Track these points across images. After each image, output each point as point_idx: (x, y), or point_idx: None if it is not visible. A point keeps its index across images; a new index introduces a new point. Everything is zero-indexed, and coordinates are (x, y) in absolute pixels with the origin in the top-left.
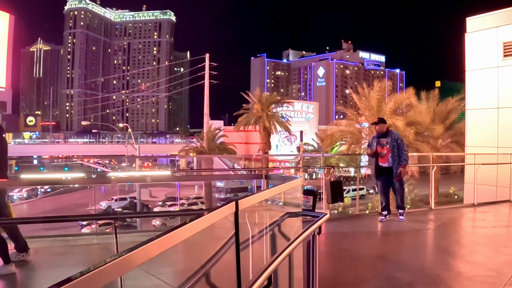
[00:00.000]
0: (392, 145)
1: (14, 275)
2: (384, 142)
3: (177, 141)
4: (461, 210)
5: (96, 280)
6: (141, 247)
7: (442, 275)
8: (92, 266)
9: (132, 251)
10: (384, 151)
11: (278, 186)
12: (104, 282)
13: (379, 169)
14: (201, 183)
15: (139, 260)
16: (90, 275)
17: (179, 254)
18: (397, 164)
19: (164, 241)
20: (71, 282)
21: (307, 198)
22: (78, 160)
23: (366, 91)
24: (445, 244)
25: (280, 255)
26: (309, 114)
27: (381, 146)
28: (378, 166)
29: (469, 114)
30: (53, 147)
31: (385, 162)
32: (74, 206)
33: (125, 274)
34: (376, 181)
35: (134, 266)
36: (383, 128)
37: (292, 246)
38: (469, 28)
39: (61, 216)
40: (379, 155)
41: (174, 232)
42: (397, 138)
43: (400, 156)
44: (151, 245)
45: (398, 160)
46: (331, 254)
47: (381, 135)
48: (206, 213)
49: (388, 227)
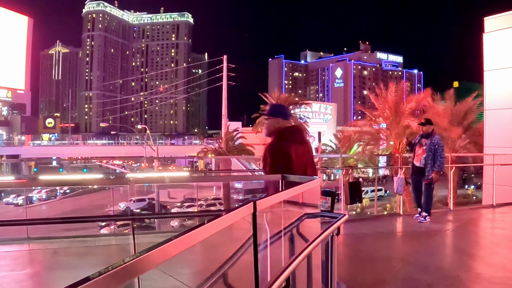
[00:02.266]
0: (429, 148)
1: (33, 275)
2: (424, 142)
3: (196, 142)
4: (480, 211)
5: (114, 280)
6: (159, 247)
7: (461, 276)
8: (110, 266)
9: (150, 251)
10: (420, 151)
11: (297, 187)
12: (122, 282)
13: (413, 167)
14: (220, 184)
15: (157, 260)
16: (108, 274)
17: (197, 255)
18: (430, 168)
19: (182, 242)
20: (89, 281)
21: (325, 199)
22: (97, 162)
23: (384, 92)
24: (464, 245)
25: (299, 256)
26: (327, 115)
27: (420, 146)
28: (413, 164)
29: (487, 115)
30: (72, 148)
31: (418, 161)
32: (93, 207)
33: (143, 275)
34: (411, 178)
35: (152, 266)
36: (429, 129)
37: (311, 247)
38: (487, 28)
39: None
40: (415, 153)
41: (192, 232)
42: (436, 143)
43: (435, 161)
44: (169, 245)
45: (432, 164)
46: (349, 255)
47: (425, 136)
48: (224, 213)
49: (407, 228)
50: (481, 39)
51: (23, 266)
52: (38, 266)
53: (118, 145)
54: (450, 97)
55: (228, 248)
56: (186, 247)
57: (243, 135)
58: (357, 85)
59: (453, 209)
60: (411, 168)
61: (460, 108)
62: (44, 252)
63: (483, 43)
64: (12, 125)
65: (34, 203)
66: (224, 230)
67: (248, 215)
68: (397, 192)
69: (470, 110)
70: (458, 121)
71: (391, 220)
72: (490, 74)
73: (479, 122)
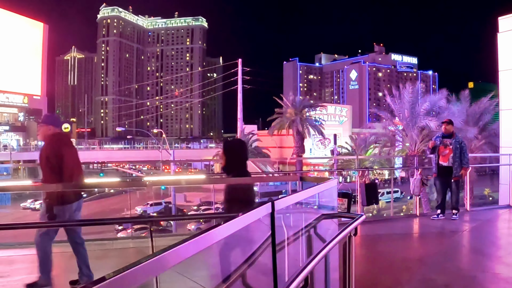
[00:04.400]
0: (456, 146)
1: (51, 279)
2: (448, 142)
3: (211, 146)
4: (496, 211)
5: (130, 280)
6: (176, 247)
7: (478, 276)
8: (126, 265)
9: (166, 251)
10: (446, 151)
11: (314, 187)
12: (139, 282)
13: (439, 168)
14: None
15: (174, 260)
16: (124, 274)
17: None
18: (457, 165)
19: (199, 241)
20: (104, 281)
21: (342, 201)
22: (113, 166)
23: (400, 92)
24: (481, 245)
25: (317, 256)
26: (342, 117)
27: (444, 146)
28: (439, 164)
29: (503, 115)
30: (89, 153)
31: (446, 161)
32: (110, 211)
33: (160, 276)
34: (434, 179)
35: (170, 266)
36: (451, 128)
37: (329, 247)
38: (501, 28)
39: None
40: (440, 154)
41: (210, 232)
42: (461, 141)
43: (462, 159)
44: (186, 245)
45: (459, 162)
46: (366, 256)
47: (446, 136)
48: (241, 214)
49: (423, 229)
50: (496, 39)
51: None
52: (56, 269)
53: (134, 149)
54: (465, 97)
55: (246, 249)
56: (204, 246)
57: (259, 138)
58: (372, 87)
59: (470, 209)
60: (437, 170)
61: (475, 108)
62: (61, 256)
63: (497, 42)
64: (28, 130)
65: None
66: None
67: (266, 218)
68: (413, 193)
69: (485, 111)
70: (474, 121)
71: (407, 221)
72: (505, 74)
73: (495, 123)
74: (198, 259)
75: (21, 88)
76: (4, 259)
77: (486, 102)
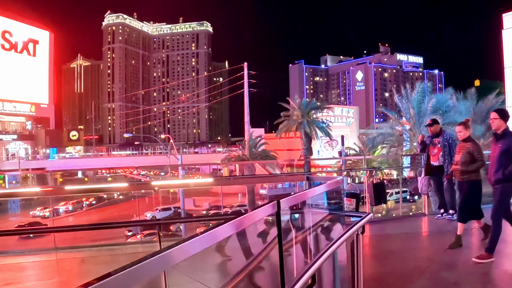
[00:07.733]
0: (443, 144)
1: (61, 284)
2: (436, 141)
3: (219, 150)
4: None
5: (135, 276)
6: (182, 244)
7: (488, 273)
8: (131, 262)
9: (173, 247)
10: (435, 150)
11: (320, 186)
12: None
13: (431, 168)
14: (244, 191)
15: (180, 256)
16: (129, 270)
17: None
18: (448, 163)
19: (205, 239)
20: (109, 277)
21: (351, 201)
22: (122, 172)
23: (406, 93)
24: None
25: (324, 254)
26: (349, 118)
27: (433, 145)
28: (431, 165)
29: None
30: (97, 160)
31: (436, 160)
32: (119, 217)
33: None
34: (429, 180)
35: (176, 262)
36: (437, 128)
37: (337, 245)
38: (505, 24)
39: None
40: (430, 154)
41: (216, 229)
42: (449, 138)
43: (451, 156)
44: (192, 241)
45: (450, 159)
46: (375, 255)
47: (434, 135)
48: (247, 212)
49: (432, 227)
50: (500, 36)
51: (52, 275)
52: (66, 275)
53: (143, 155)
54: (471, 95)
55: (254, 251)
56: (211, 243)
57: (267, 141)
58: (378, 88)
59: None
60: (429, 170)
61: (482, 106)
62: (72, 261)
63: (502, 39)
64: (36, 139)
65: (61, 215)
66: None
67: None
68: (421, 192)
69: (492, 108)
70: (481, 119)
71: (416, 220)
72: (510, 71)
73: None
74: (206, 261)
75: (28, 97)
76: (15, 266)
77: (493, 99)
